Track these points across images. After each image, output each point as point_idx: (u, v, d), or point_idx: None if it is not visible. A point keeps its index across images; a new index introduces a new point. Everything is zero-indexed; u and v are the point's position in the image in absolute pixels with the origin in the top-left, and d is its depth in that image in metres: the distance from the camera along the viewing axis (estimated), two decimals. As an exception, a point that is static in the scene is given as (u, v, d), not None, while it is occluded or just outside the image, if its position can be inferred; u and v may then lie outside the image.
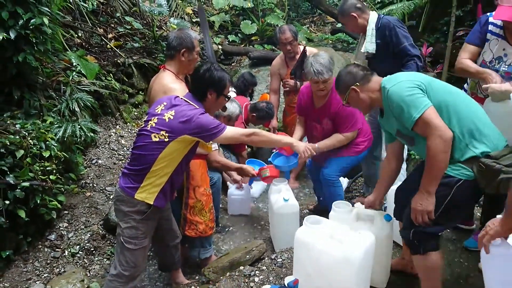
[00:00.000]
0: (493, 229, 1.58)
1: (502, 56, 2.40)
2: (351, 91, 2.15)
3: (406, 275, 2.51)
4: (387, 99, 1.98)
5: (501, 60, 2.40)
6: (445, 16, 5.14)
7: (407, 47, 2.93)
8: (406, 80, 1.96)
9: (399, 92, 1.92)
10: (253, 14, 7.50)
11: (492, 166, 1.78)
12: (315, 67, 2.85)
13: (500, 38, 2.39)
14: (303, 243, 2.20)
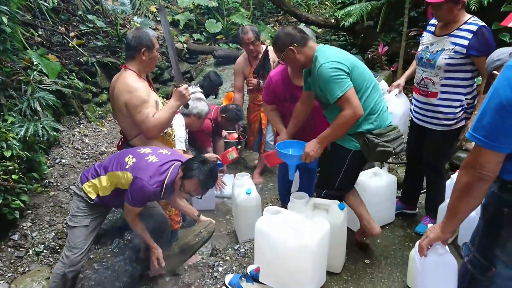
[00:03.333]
0: (433, 232, 1.61)
1: (428, 45, 2.69)
2: (289, 51, 2.36)
3: (360, 260, 2.70)
4: (317, 71, 2.29)
5: (427, 50, 2.69)
6: (401, 17, 5.40)
7: None
8: (335, 61, 2.26)
9: (328, 71, 2.24)
10: (218, 13, 7.57)
11: (372, 140, 2.35)
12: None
13: (430, 33, 2.73)
14: (263, 233, 2.33)
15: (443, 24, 2.63)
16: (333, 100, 2.27)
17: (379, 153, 2.37)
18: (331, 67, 2.24)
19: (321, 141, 2.40)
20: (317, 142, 2.40)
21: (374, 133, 2.37)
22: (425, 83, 2.70)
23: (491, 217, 1.43)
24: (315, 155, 2.41)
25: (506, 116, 1.22)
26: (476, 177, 1.33)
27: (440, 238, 1.59)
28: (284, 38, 2.37)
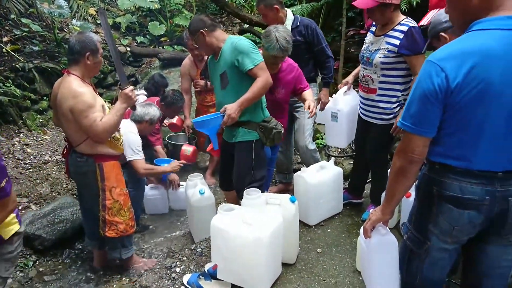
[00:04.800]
0: (375, 215, 1.74)
1: (369, 45, 2.89)
2: (200, 34, 2.63)
3: (313, 250, 2.83)
4: (235, 45, 2.57)
5: (367, 49, 2.88)
6: (340, 17, 5.66)
7: (325, 48, 3.33)
8: (250, 43, 2.61)
9: (246, 43, 2.58)
10: (161, 15, 7.48)
11: (267, 126, 2.74)
12: (282, 44, 2.76)
13: (372, 33, 2.93)
14: (218, 230, 2.38)
15: (381, 25, 2.81)
16: (250, 66, 2.53)
17: (275, 135, 2.76)
18: (248, 42, 2.60)
19: (241, 104, 2.57)
20: (238, 105, 2.56)
21: (265, 121, 2.76)
22: (365, 80, 2.88)
23: (423, 196, 1.58)
24: (235, 117, 2.55)
25: (428, 104, 1.37)
26: (407, 160, 1.47)
27: (381, 219, 1.72)
28: (196, 23, 2.67)
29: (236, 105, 2.55)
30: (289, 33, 2.86)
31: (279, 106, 3.05)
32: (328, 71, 3.35)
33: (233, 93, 2.62)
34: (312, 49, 3.30)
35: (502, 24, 1.31)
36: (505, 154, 1.39)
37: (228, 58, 2.62)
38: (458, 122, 1.38)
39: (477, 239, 1.55)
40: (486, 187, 1.42)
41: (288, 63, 3.03)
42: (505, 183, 1.42)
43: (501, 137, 1.36)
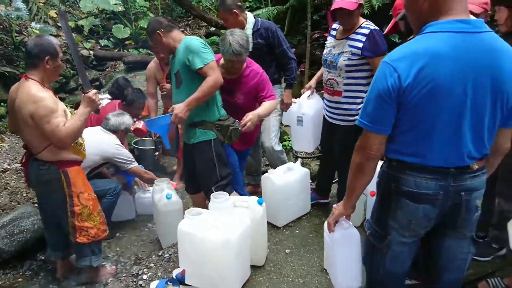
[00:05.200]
0: (337, 210, 1.80)
1: (331, 48, 2.93)
2: (156, 35, 2.70)
3: (281, 251, 2.84)
4: (187, 44, 2.62)
5: (330, 52, 2.93)
6: (305, 20, 5.74)
7: (286, 50, 3.35)
8: (202, 42, 2.65)
9: (197, 43, 2.62)
10: (125, 18, 7.36)
11: (222, 124, 2.76)
12: (235, 47, 2.73)
13: (332, 37, 2.97)
14: (185, 234, 2.36)
15: (342, 29, 2.87)
16: (201, 65, 2.56)
17: (232, 132, 2.77)
18: (200, 41, 2.63)
19: (189, 103, 2.60)
20: (186, 104, 2.60)
21: (220, 119, 2.79)
22: (330, 83, 2.93)
23: (383, 192, 1.64)
24: (183, 116, 2.59)
25: (383, 103, 1.42)
26: (365, 157, 1.53)
27: (343, 214, 1.78)
28: (153, 24, 2.75)
29: (184, 105, 2.59)
30: (245, 37, 2.80)
31: (241, 110, 2.96)
32: (291, 73, 3.38)
33: (186, 92, 2.65)
34: (274, 51, 3.33)
35: (450, 27, 1.37)
36: (456, 151, 1.45)
37: (181, 58, 2.66)
38: (411, 120, 1.43)
39: (435, 233, 1.61)
40: (440, 182, 1.48)
41: (252, 69, 2.97)
42: (458, 178, 1.48)
43: (452, 134, 1.42)
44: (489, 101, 1.40)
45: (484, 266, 2.63)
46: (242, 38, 2.75)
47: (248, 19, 3.34)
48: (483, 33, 1.40)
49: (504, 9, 2.30)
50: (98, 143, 3.14)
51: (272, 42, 3.30)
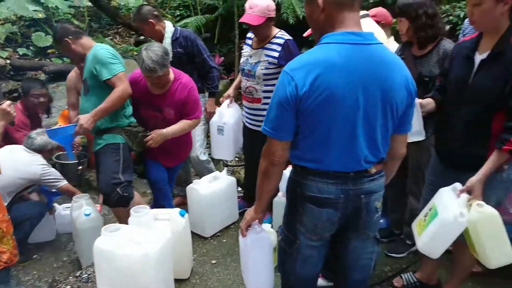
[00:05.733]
0: (249, 215, 1.81)
1: (248, 58, 2.99)
2: (65, 42, 2.69)
3: (207, 263, 2.81)
4: (94, 53, 2.61)
5: (247, 61, 2.98)
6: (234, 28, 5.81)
7: (206, 59, 3.33)
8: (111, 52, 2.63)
9: (106, 53, 2.60)
10: (47, 25, 6.96)
11: (132, 130, 2.77)
12: (147, 63, 2.61)
13: (249, 46, 3.03)
14: (103, 252, 2.25)
15: (258, 39, 2.93)
16: (109, 76, 2.55)
17: (142, 139, 2.77)
18: (108, 51, 2.61)
19: (95, 114, 2.57)
20: (92, 115, 2.56)
21: (130, 125, 2.78)
22: (249, 91, 2.97)
23: (290, 198, 1.68)
24: (88, 127, 2.55)
25: (283, 111, 1.47)
26: (270, 163, 1.57)
27: (255, 218, 1.79)
28: (60, 32, 2.72)
29: (90, 116, 2.55)
30: (160, 52, 2.64)
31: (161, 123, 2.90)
32: (212, 81, 3.38)
33: (94, 101, 2.63)
34: (194, 60, 3.32)
35: (343, 38, 1.44)
36: (353, 156, 1.52)
37: (89, 66, 2.64)
38: (309, 127, 1.48)
39: (340, 236, 1.67)
40: (340, 186, 1.54)
41: (180, 82, 2.88)
42: (357, 182, 1.55)
43: (348, 140, 1.49)
44: (379, 110, 1.48)
45: (400, 262, 2.80)
46: (157, 54, 2.61)
47: (167, 28, 3.30)
48: (373, 45, 1.48)
49: (405, 21, 2.47)
50: (22, 166, 2.93)
51: (191, 51, 3.29)
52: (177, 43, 3.26)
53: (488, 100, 1.83)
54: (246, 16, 2.80)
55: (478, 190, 1.84)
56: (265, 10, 2.76)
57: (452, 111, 2.02)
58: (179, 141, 2.96)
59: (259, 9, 2.75)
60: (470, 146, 1.94)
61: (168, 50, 2.80)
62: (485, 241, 1.82)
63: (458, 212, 1.79)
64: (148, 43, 2.84)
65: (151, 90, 2.86)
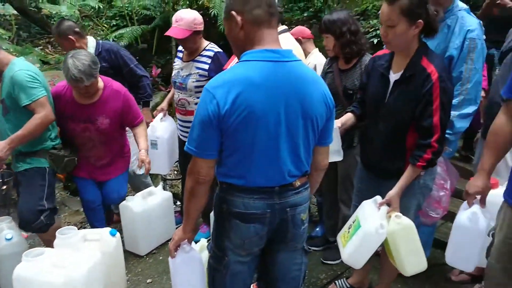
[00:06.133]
0: (177, 234, 1.77)
1: (179, 70, 2.96)
2: None
3: (142, 282, 2.72)
4: (10, 77, 2.45)
5: (178, 74, 2.95)
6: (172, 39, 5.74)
7: (134, 68, 3.24)
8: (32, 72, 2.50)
9: (24, 78, 2.44)
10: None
11: (57, 154, 2.67)
12: (73, 73, 2.48)
13: (179, 59, 3.02)
14: (23, 280, 2.10)
15: (188, 51, 2.92)
16: (27, 102, 2.43)
17: (66, 163, 2.69)
18: (27, 74, 2.45)
19: (12, 141, 2.46)
20: (8, 143, 2.45)
21: (54, 148, 2.68)
22: (182, 103, 2.95)
23: (218, 215, 1.67)
24: (4, 156, 2.44)
25: (206, 129, 1.46)
26: (195, 181, 1.55)
27: (183, 238, 1.75)
28: None
29: (5, 143, 2.42)
30: (87, 60, 2.53)
31: (108, 137, 2.81)
32: (144, 91, 3.30)
33: (13, 123, 2.51)
34: (122, 72, 3.23)
35: (262, 56, 1.47)
36: (277, 171, 1.54)
37: (6, 86, 2.49)
38: (233, 145, 1.49)
39: (269, 249, 1.69)
40: (266, 201, 1.56)
41: (112, 89, 2.79)
42: (282, 195, 1.58)
43: (271, 156, 1.51)
44: (301, 125, 1.52)
45: (335, 269, 2.88)
46: (84, 63, 2.50)
47: (89, 43, 3.19)
48: (292, 62, 1.52)
49: (331, 37, 2.58)
50: None
51: (117, 64, 3.20)
52: (100, 58, 3.11)
53: (402, 118, 1.95)
54: (172, 29, 2.80)
55: (396, 203, 1.95)
56: (191, 23, 2.76)
57: (371, 125, 2.13)
58: (111, 150, 2.87)
59: (185, 22, 2.76)
60: (388, 159, 2.05)
61: (96, 58, 2.68)
62: (402, 250, 1.94)
63: (378, 224, 1.89)
64: (76, 50, 2.68)
65: (79, 101, 2.72)
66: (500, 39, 2.57)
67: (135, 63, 3.27)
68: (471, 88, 2.23)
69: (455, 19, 2.27)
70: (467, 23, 2.25)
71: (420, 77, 1.86)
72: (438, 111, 1.85)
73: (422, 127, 1.90)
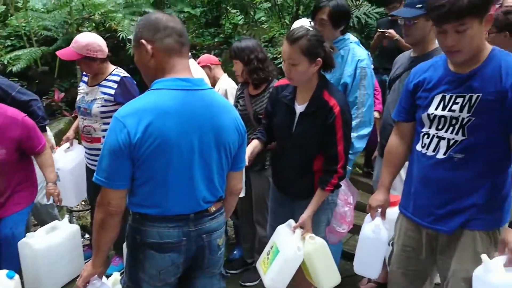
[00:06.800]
0: (86, 270, 1.64)
1: (84, 95, 2.87)
2: None
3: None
4: None
5: (83, 99, 2.86)
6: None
7: (17, 95, 2.94)
8: None
9: None
10: None
11: None
12: None
13: (84, 83, 2.91)
14: None
15: (93, 76, 2.83)
16: None
17: None
18: None
19: None
20: None
21: None
22: (87, 130, 2.82)
23: (131, 246, 1.61)
24: None
25: (117, 159, 1.42)
26: (106, 213, 1.48)
27: (93, 274, 1.64)
28: None
29: None
30: None
31: (5, 168, 2.53)
32: (35, 115, 2.98)
33: None
34: (6, 102, 2.86)
35: (174, 84, 1.49)
36: (192, 198, 1.55)
37: None
38: (146, 174, 1.47)
39: (186, 277, 1.66)
40: (181, 229, 1.54)
41: (7, 116, 2.52)
42: (198, 222, 1.58)
43: (185, 183, 1.52)
44: (214, 151, 1.55)
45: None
46: None
47: None
48: (203, 90, 1.56)
49: (240, 63, 2.69)
50: None
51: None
52: None
53: (310, 147, 2.11)
54: (63, 50, 2.75)
55: (308, 225, 2.08)
56: (84, 48, 2.69)
57: (281, 152, 2.25)
58: (9, 183, 2.59)
59: (78, 45, 2.71)
60: (298, 182, 2.18)
61: None
62: (319, 268, 2.06)
63: (296, 247, 1.99)
64: None
65: None
66: (390, 67, 2.88)
67: (17, 89, 2.94)
68: (366, 112, 2.46)
69: (347, 50, 2.50)
70: (358, 53, 2.49)
71: (324, 110, 2.02)
72: (341, 140, 2.03)
73: (328, 155, 2.07)
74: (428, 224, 1.75)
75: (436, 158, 1.68)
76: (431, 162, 1.70)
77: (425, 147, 1.72)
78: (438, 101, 1.67)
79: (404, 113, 1.86)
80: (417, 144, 1.78)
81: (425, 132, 1.73)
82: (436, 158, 1.68)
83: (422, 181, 1.75)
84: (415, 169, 1.79)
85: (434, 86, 1.69)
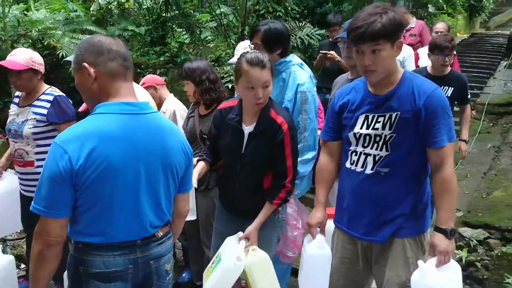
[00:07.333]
0: None
1: (15, 117, 2.69)
2: None
3: None
4: None
5: (14, 121, 2.68)
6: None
7: None
8: None
9: None
10: None
11: None
12: None
13: (15, 104, 2.75)
14: None
15: (26, 95, 2.69)
16: None
17: None
18: None
19: None
20: None
21: None
22: (19, 154, 2.67)
23: (73, 278, 1.53)
24: None
25: (57, 187, 1.36)
26: (45, 244, 1.40)
27: None
28: None
29: None
30: None
31: None
32: None
33: None
34: None
35: (117, 109, 1.45)
36: (139, 223, 1.51)
37: None
38: (89, 200, 1.42)
39: None
40: (128, 256, 1.49)
41: None
42: (145, 248, 1.54)
43: (132, 209, 1.48)
44: (161, 175, 1.53)
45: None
46: None
47: None
48: (149, 114, 1.54)
49: (191, 84, 2.70)
50: None
51: None
52: None
53: (261, 166, 2.15)
54: (7, 60, 2.55)
55: (254, 237, 2.10)
56: (29, 60, 2.57)
57: (231, 172, 2.24)
58: None
59: (21, 56, 2.57)
60: (250, 201, 2.19)
61: None
62: (259, 280, 2.07)
63: (235, 257, 1.99)
64: None
65: None
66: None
67: None
68: (309, 136, 2.45)
69: (289, 73, 2.47)
70: (298, 77, 2.42)
71: (273, 129, 2.08)
72: (290, 156, 2.10)
73: (277, 171, 2.12)
74: (362, 236, 1.86)
75: (365, 173, 1.81)
76: (361, 178, 1.83)
77: (354, 164, 1.85)
78: (362, 121, 1.81)
79: (332, 133, 1.98)
80: (346, 161, 1.90)
81: (352, 150, 1.86)
82: (365, 173, 1.81)
83: (354, 196, 1.87)
84: (346, 185, 1.91)
85: (357, 107, 1.84)
